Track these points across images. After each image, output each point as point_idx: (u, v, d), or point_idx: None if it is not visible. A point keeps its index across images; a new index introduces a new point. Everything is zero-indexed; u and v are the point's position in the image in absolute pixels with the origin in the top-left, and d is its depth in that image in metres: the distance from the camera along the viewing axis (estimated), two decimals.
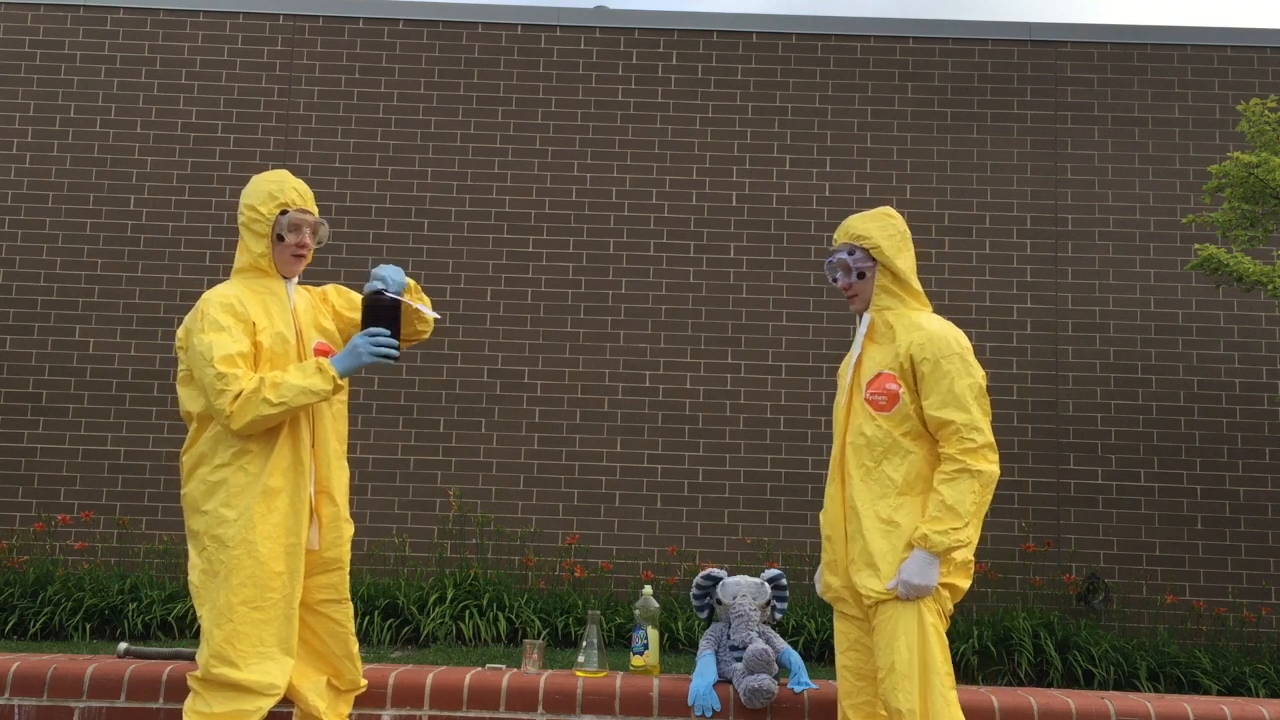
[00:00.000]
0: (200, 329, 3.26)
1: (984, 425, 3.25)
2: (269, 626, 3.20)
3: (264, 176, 3.49)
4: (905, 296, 3.45)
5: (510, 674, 3.92)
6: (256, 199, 3.42)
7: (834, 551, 3.45)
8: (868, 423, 3.36)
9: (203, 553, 3.25)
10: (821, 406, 7.84)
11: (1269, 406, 7.83)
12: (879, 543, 3.27)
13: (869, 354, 3.44)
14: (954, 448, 3.23)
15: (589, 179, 8.12)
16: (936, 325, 3.37)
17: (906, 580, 3.19)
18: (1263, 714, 3.96)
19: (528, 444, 7.84)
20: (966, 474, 3.20)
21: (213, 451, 3.29)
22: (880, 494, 3.30)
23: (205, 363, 3.21)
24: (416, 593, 6.89)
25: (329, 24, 8.28)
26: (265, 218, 3.41)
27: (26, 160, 8.08)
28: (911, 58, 8.26)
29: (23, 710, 3.70)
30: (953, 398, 3.25)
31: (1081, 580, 7.53)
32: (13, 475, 7.73)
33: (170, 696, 3.71)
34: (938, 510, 3.20)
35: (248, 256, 3.45)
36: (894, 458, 3.31)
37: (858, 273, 3.47)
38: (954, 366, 3.27)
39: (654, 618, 4.11)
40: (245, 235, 3.45)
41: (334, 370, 3.30)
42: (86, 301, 7.93)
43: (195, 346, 3.24)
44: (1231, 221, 6.91)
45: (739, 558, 7.61)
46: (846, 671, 3.43)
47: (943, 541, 3.17)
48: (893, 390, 3.33)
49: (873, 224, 3.50)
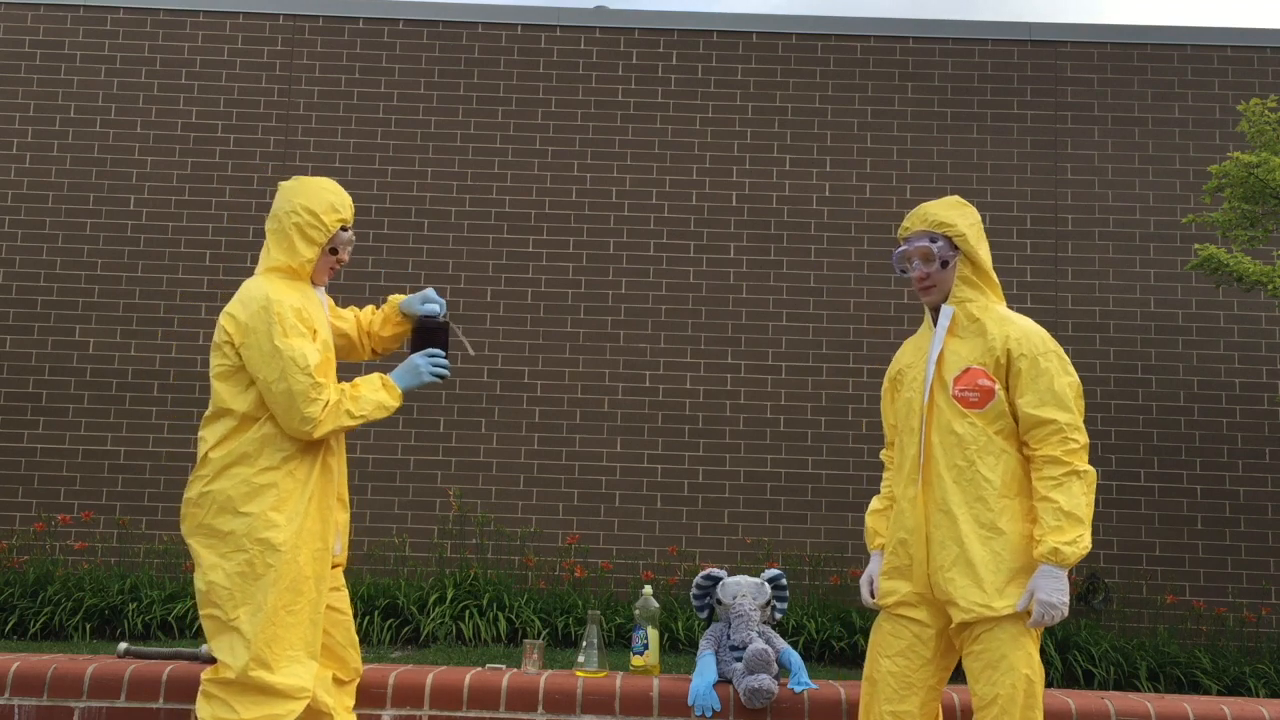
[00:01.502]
0: (282, 332, 3.20)
1: (1082, 425, 3.12)
2: (297, 630, 3.19)
3: (320, 184, 3.44)
4: (986, 288, 3.30)
5: (510, 674, 3.91)
6: (319, 206, 3.38)
7: (907, 556, 3.26)
8: (958, 420, 3.17)
9: (237, 554, 3.16)
10: (821, 406, 7.84)
11: (1269, 406, 7.83)
12: (979, 550, 3.10)
13: (951, 348, 3.25)
14: (1058, 449, 3.08)
15: (589, 179, 8.12)
16: (1027, 321, 3.23)
17: (1044, 600, 3.00)
18: (1263, 714, 3.96)
19: (528, 444, 7.84)
20: (1075, 476, 3.05)
21: (258, 453, 3.22)
22: (977, 496, 3.13)
23: (298, 369, 3.18)
24: (416, 593, 6.89)
25: (329, 24, 8.28)
26: (326, 227, 3.38)
27: (26, 160, 8.08)
28: (911, 58, 8.26)
29: (23, 710, 3.70)
30: (1053, 396, 3.10)
31: (1081, 580, 7.52)
32: (13, 475, 7.73)
33: (170, 696, 3.71)
34: (1057, 519, 3.01)
35: (289, 258, 3.36)
36: (988, 457, 3.14)
37: (941, 261, 3.27)
38: (1052, 364, 3.14)
39: (654, 618, 4.10)
40: (294, 237, 3.36)
41: (399, 388, 3.38)
42: (86, 301, 7.93)
43: (282, 350, 3.18)
44: (1231, 221, 6.91)
45: (739, 558, 7.61)
46: (892, 677, 3.23)
47: (1073, 552, 2.99)
48: (986, 386, 3.17)
49: (954, 211, 3.31)
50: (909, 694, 3.22)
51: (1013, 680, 3.02)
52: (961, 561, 3.12)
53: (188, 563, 7.42)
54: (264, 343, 3.19)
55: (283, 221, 3.39)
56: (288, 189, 3.45)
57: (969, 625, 3.12)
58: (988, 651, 3.07)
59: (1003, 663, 3.05)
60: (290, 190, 3.44)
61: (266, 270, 3.38)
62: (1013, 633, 3.06)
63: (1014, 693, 3.02)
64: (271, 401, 3.20)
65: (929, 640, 3.22)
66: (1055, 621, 3.03)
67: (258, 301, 3.24)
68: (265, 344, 3.19)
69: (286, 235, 3.38)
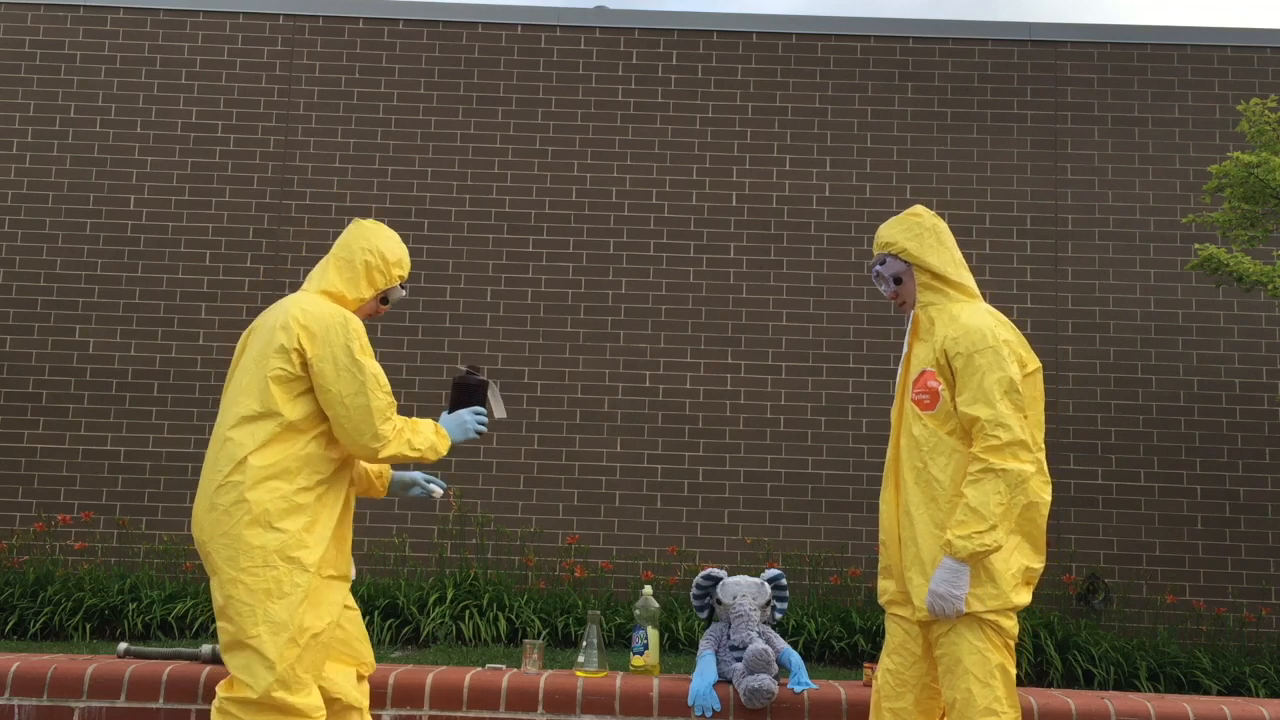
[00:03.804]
0: (362, 349, 3.24)
1: (1011, 421, 3.10)
2: (315, 651, 3.18)
3: (395, 236, 3.52)
4: (948, 290, 3.35)
5: (510, 674, 3.91)
6: (391, 255, 3.46)
7: (889, 557, 3.36)
8: (915, 423, 3.26)
9: (264, 570, 3.10)
10: (822, 407, 7.84)
11: (1269, 406, 7.83)
12: (932, 550, 3.16)
13: (915, 352, 3.36)
14: (978, 446, 3.12)
15: (589, 179, 8.12)
16: (974, 318, 3.25)
17: (934, 590, 3.08)
18: (1263, 714, 3.96)
19: (528, 444, 7.84)
20: (990, 474, 3.07)
21: (299, 470, 3.19)
22: (931, 497, 3.20)
23: (379, 387, 3.23)
24: (416, 593, 6.89)
25: (329, 24, 8.28)
26: (390, 276, 3.46)
27: (26, 160, 8.08)
28: (911, 58, 8.26)
29: (23, 710, 3.70)
30: (982, 393, 3.13)
31: (1081, 580, 7.53)
32: (13, 475, 7.73)
33: (170, 697, 3.71)
34: (962, 514, 3.07)
35: (348, 289, 3.40)
36: (939, 458, 3.20)
37: (893, 279, 3.41)
38: (986, 361, 3.16)
39: (654, 618, 4.11)
40: (360, 275, 3.41)
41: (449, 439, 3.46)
42: (86, 301, 7.93)
43: (365, 366, 3.21)
44: (1231, 221, 6.91)
45: (739, 558, 7.61)
46: (889, 674, 3.31)
47: (966, 546, 3.04)
48: (934, 388, 3.24)
49: (897, 228, 3.42)
50: (904, 691, 3.28)
51: (966, 685, 3.08)
52: (918, 561, 3.20)
53: (187, 563, 7.42)
54: (343, 357, 3.20)
55: (355, 255, 3.43)
56: (367, 229, 3.49)
57: (930, 626, 3.20)
58: (946, 656, 3.14)
59: (957, 667, 3.11)
60: (370, 230, 3.48)
61: (320, 292, 3.39)
62: (967, 635, 3.11)
63: (969, 697, 3.07)
64: (342, 415, 3.20)
65: (917, 636, 3.27)
66: (948, 614, 3.09)
67: (334, 317, 3.25)
68: (344, 358, 3.20)
69: (355, 268, 3.41)
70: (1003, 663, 3.11)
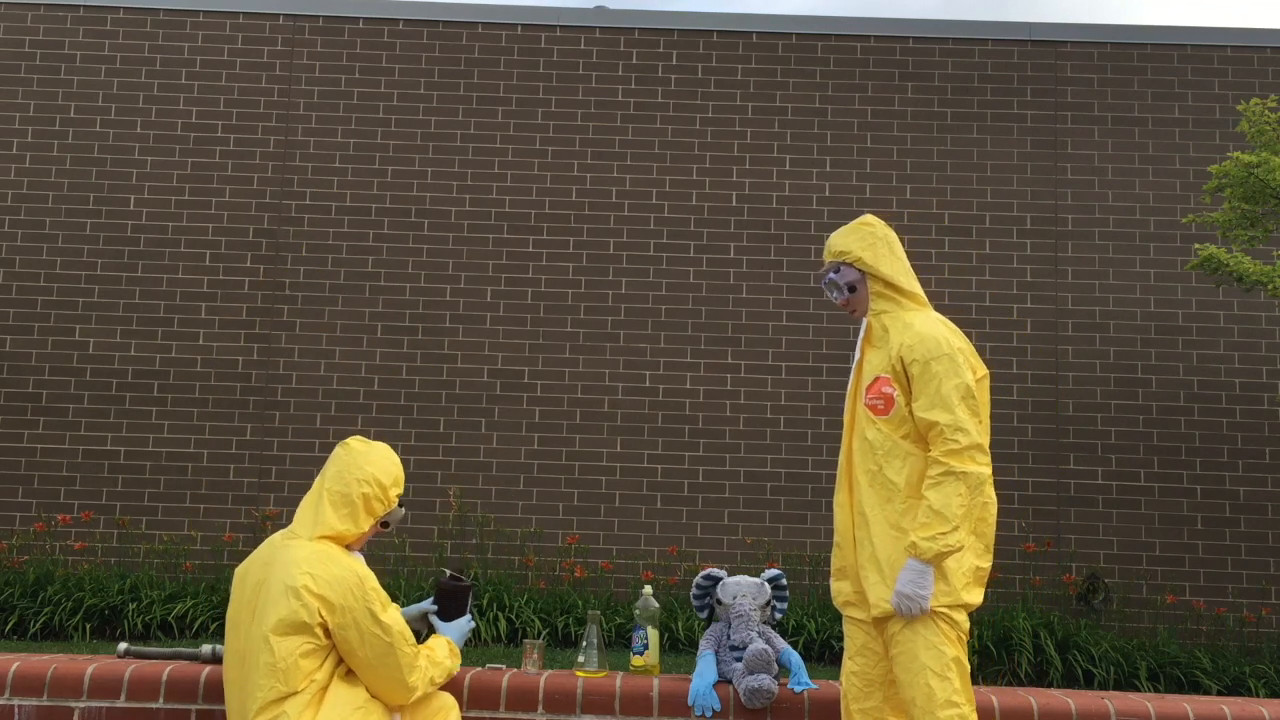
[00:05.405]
0: (381, 608, 3.16)
1: (969, 426, 3.18)
2: None
3: (386, 453, 3.36)
4: (900, 298, 3.43)
5: (510, 674, 3.91)
6: (387, 479, 3.31)
7: (844, 558, 3.43)
8: (869, 427, 3.33)
9: None
10: (821, 406, 7.84)
11: (1269, 406, 7.82)
12: (887, 549, 3.23)
13: (868, 358, 3.43)
14: (938, 450, 3.18)
15: (589, 179, 8.12)
16: (928, 326, 3.33)
17: (899, 591, 3.14)
18: (1263, 714, 3.96)
19: (528, 444, 7.84)
20: (951, 476, 3.14)
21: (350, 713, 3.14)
22: (886, 498, 3.27)
23: (405, 643, 3.20)
24: (416, 593, 6.89)
25: (329, 24, 8.28)
26: (389, 501, 3.34)
27: (26, 160, 8.08)
28: (911, 58, 8.26)
29: (23, 710, 3.70)
30: (940, 399, 3.20)
31: (1081, 580, 7.53)
32: (13, 475, 7.73)
33: (170, 697, 3.71)
34: (925, 516, 3.14)
35: (349, 527, 3.26)
36: (895, 461, 3.27)
37: (848, 287, 3.51)
38: (943, 368, 3.23)
39: (654, 618, 4.10)
40: (359, 509, 3.26)
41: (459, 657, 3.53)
42: (86, 301, 7.93)
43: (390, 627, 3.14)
44: (1231, 221, 6.91)
45: (739, 558, 7.61)
46: (854, 677, 3.37)
47: (931, 548, 3.11)
48: (888, 394, 3.31)
49: (850, 237, 3.52)
50: (871, 690, 3.35)
51: (925, 680, 3.13)
52: (874, 560, 3.26)
53: (187, 563, 7.44)
54: (366, 623, 3.13)
55: (350, 489, 3.25)
56: (358, 454, 3.31)
57: (884, 623, 3.25)
58: (903, 654, 3.19)
59: (914, 663, 3.16)
60: (361, 456, 3.30)
61: (320, 538, 3.22)
62: (922, 631, 3.16)
63: (929, 692, 3.12)
64: (370, 676, 3.17)
65: (877, 636, 3.33)
66: (914, 614, 3.15)
67: (348, 580, 3.14)
68: (367, 623, 3.13)
69: (352, 503, 3.26)
70: (958, 655, 3.17)
